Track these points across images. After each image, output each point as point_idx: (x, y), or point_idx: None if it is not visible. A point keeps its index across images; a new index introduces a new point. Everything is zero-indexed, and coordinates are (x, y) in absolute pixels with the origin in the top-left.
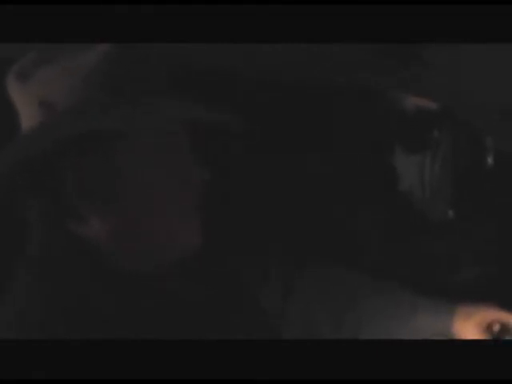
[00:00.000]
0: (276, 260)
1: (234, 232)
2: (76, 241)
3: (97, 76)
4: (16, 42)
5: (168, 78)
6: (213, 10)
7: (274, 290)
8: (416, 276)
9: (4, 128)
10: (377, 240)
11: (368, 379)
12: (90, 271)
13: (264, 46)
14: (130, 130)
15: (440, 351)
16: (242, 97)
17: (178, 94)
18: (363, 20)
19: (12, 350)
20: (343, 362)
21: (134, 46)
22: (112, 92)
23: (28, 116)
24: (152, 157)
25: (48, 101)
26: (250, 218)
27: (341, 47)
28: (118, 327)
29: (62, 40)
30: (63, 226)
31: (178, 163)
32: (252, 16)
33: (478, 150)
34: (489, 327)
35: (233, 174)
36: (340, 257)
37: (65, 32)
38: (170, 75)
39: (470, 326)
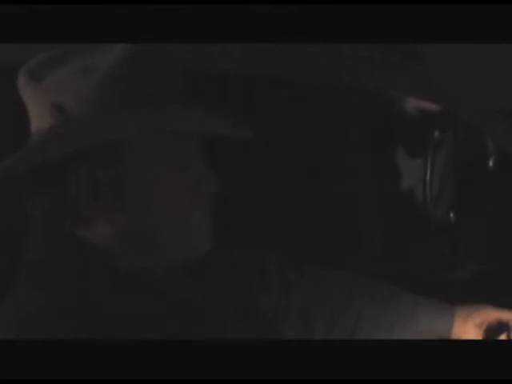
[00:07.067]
0: (275, 260)
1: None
2: (81, 243)
3: (112, 80)
4: (25, 42)
5: (184, 83)
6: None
7: (273, 290)
8: (416, 276)
9: (14, 128)
10: (378, 240)
11: (368, 379)
12: (95, 273)
13: (262, 46)
14: (142, 139)
15: (440, 351)
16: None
17: (193, 101)
18: (363, 20)
19: (15, 350)
20: (343, 362)
21: (151, 47)
22: (127, 98)
23: (39, 118)
24: (162, 166)
25: (61, 104)
26: (249, 218)
27: (342, 47)
28: (121, 328)
29: (75, 40)
30: (69, 229)
31: (187, 173)
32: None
33: (479, 150)
34: (488, 328)
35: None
36: (340, 257)
37: (78, 32)
38: (186, 80)
39: (469, 327)
